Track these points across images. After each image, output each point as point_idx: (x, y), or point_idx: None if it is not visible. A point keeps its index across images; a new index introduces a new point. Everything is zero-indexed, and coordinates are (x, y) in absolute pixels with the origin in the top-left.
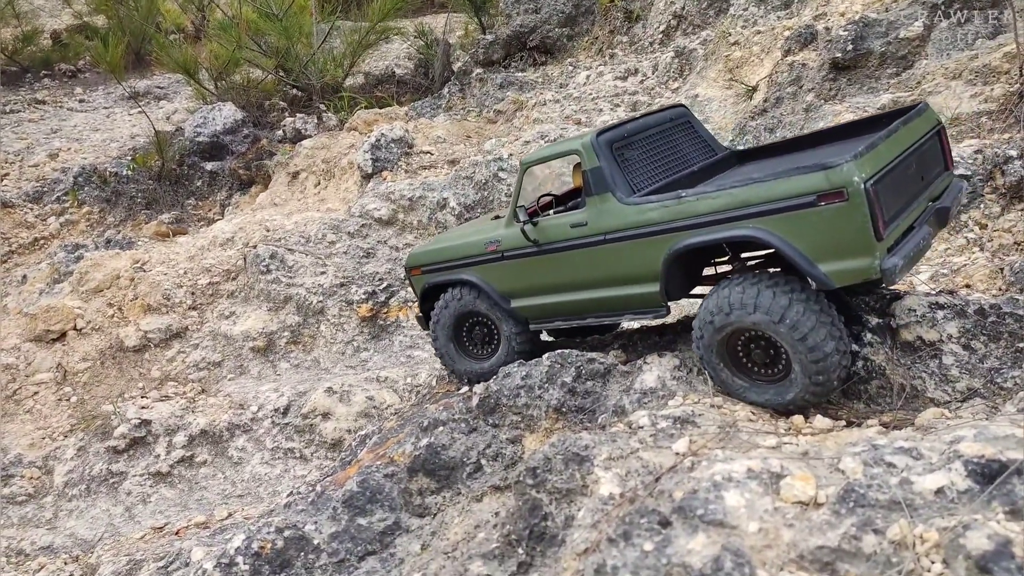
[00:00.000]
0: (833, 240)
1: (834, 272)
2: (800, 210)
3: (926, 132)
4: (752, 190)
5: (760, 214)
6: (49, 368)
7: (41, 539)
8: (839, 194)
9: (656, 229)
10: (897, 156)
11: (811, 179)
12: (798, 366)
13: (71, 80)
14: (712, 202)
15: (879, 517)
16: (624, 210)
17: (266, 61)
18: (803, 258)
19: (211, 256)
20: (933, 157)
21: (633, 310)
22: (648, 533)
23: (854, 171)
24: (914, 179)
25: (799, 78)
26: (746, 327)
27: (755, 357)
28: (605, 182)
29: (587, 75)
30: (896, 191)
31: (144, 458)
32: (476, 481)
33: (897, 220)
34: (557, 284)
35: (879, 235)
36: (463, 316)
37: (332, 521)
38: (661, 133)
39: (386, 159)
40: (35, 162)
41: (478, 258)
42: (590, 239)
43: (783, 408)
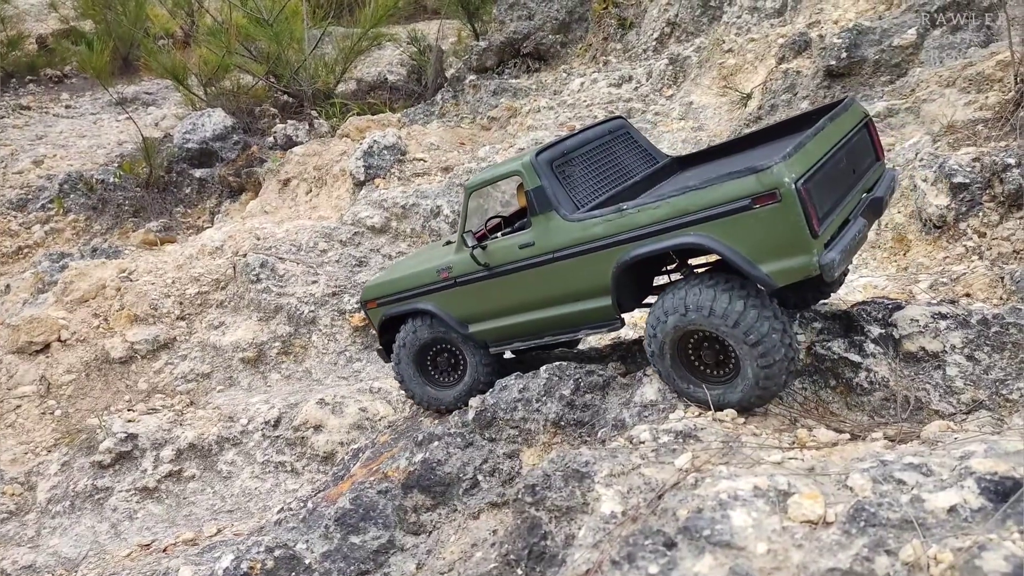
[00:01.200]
0: (771, 241)
1: (775, 272)
2: (737, 214)
3: (854, 126)
4: (689, 198)
5: (700, 221)
6: (32, 381)
7: (23, 558)
8: (772, 195)
9: (602, 243)
10: (826, 152)
11: (744, 183)
12: (748, 368)
13: (57, 86)
14: (653, 212)
15: (891, 537)
16: (569, 227)
17: (256, 67)
18: (744, 261)
19: (200, 265)
20: (863, 150)
21: (588, 324)
22: (653, 555)
23: (784, 172)
24: (845, 173)
25: (793, 85)
26: (700, 328)
27: (705, 358)
28: (548, 201)
29: (581, 82)
30: (828, 187)
31: (130, 473)
32: (473, 498)
33: (832, 215)
34: (511, 305)
35: (814, 232)
36: (427, 344)
37: (324, 539)
38: (601, 147)
39: (379, 166)
40: (19, 169)
41: (432, 286)
42: (539, 258)
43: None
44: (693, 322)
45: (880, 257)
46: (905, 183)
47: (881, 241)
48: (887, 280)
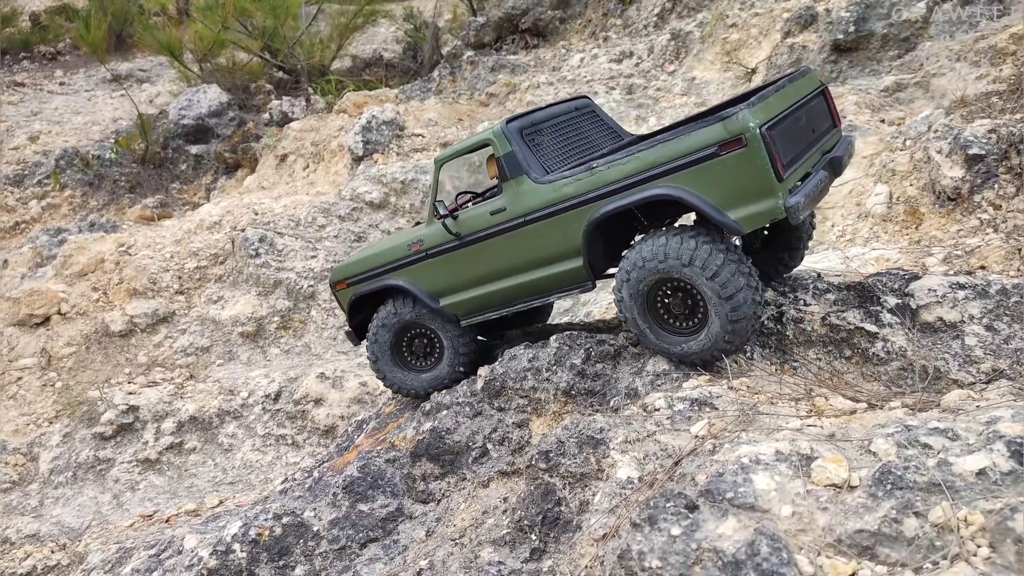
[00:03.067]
0: (738, 186)
1: (743, 218)
2: (705, 162)
3: (812, 91)
4: (659, 150)
5: (668, 172)
6: (33, 353)
7: (27, 527)
8: (738, 141)
9: (573, 203)
10: (787, 108)
11: (711, 131)
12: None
13: (51, 62)
14: (623, 167)
15: (919, 500)
16: (540, 189)
17: (252, 43)
18: (713, 208)
19: (198, 240)
20: (821, 114)
21: (560, 288)
22: (675, 517)
23: (749, 118)
24: (806, 130)
25: (799, 60)
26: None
27: (673, 309)
28: (519, 165)
29: (581, 58)
30: (790, 139)
31: (132, 445)
32: (482, 466)
33: (795, 165)
34: (483, 274)
35: (779, 176)
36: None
37: (332, 507)
38: (568, 121)
39: (377, 141)
40: (15, 145)
41: (403, 260)
42: (511, 223)
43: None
44: (671, 269)
45: (892, 231)
46: (918, 155)
47: (893, 214)
48: (899, 253)
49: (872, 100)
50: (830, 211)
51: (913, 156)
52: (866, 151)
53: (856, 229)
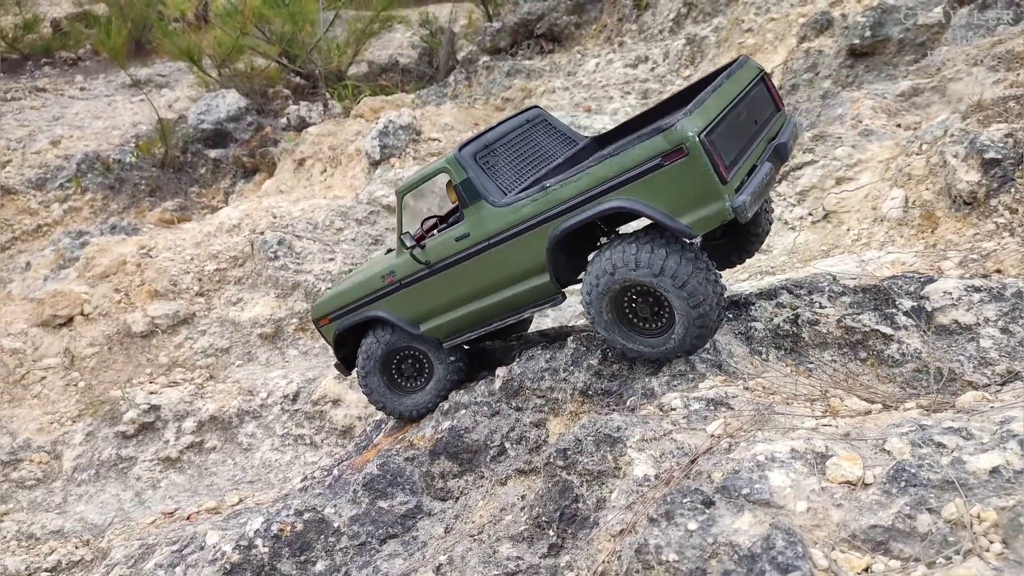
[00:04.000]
0: (685, 193)
1: (694, 222)
2: (651, 173)
3: (750, 81)
4: (606, 166)
5: (619, 185)
6: (56, 353)
7: (51, 523)
8: (679, 151)
9: (533, 222)
10: (726, 106)
11: (653, 143)
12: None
13: (72, 68)
14: (576, 184)
15: (932, 497)
16: (500, 213)
17: (270, 48)
18: (665, 216)
19: (218, 242)
20: (763, 102)
21: (532, 304)
22: (691, 512)
23: (687, 127)
24: (747, 124)
25: (815, 65)
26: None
27: (640, 311)
28: (476, 191)
29: (596, 63)
30: (731, 137)
31: (153, 443)
32: (500, 464)
33: (738, 163)
34: (457, 298)
35: (723, 179)
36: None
37: (352, 504)
38: (521, 136)
39: (394, 146)
40: (37, 149)
41: (379, 292)
42: (476, 247)
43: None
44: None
45: (907, 235)
46: (934, 160)
47: (909, 218)
48: (915, 257)
49: (888, 105)
50: (846, 215)
51: (929, 160)
52: (882, 155)
53: (872, 233)
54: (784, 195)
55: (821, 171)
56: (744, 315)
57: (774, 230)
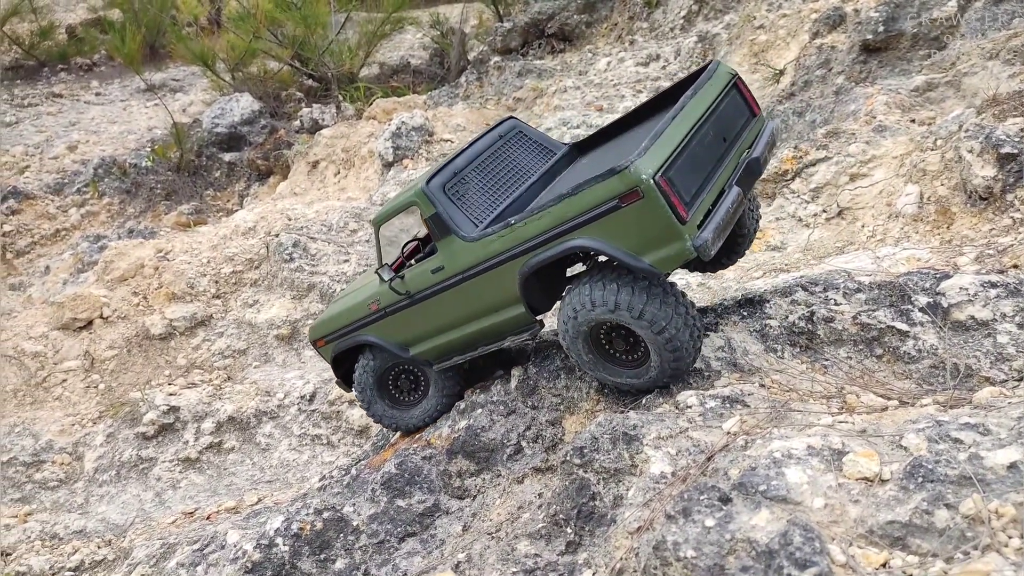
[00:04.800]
0: (645, 234)
1: (657, 261)
2: (610, 214)
3: (721, 92)
4: (565, 206)
5: (580, 225)
6: (77, 356)
7: (74, 523)
8: (635, 193)
9: (502, 258)
10: (689, 132)
11: (608, 186)
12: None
13: (87, 74)
14: (538, 224)
15: (950, 492)
16: (470, 248)
17: (282, 51)
18: (627, 256)
19: (234, 245)
20: (735, 112)
21: (510, 332)
22: (708, 509)
23: (641, 169)
24: (714, 146)
25: (828, 61)
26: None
27: (616, 345)
28: (446, 226)
29: (607, 61)
30: (693, 167)
31: (173, 444)
32: (517, 463)
33: (701, 195)
34: (440, 326)
35: (682, 220)
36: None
37: (370, 503)
38: (493, 154)
39: (406, 147)
40: (55, 154)
41: (367, 318)
42: (451, 280)
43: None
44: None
45: (923, 231)
46: (949, 155)
47: (924, 214)
48: (930, 253)
49: (902, 100)
50: (860, 212)
51: (944, 156)
52: (896, 151)
53: (887, 229)
54: (798, 192)
55: (835, 168)
56: (759, 313)
57: (788, 227)
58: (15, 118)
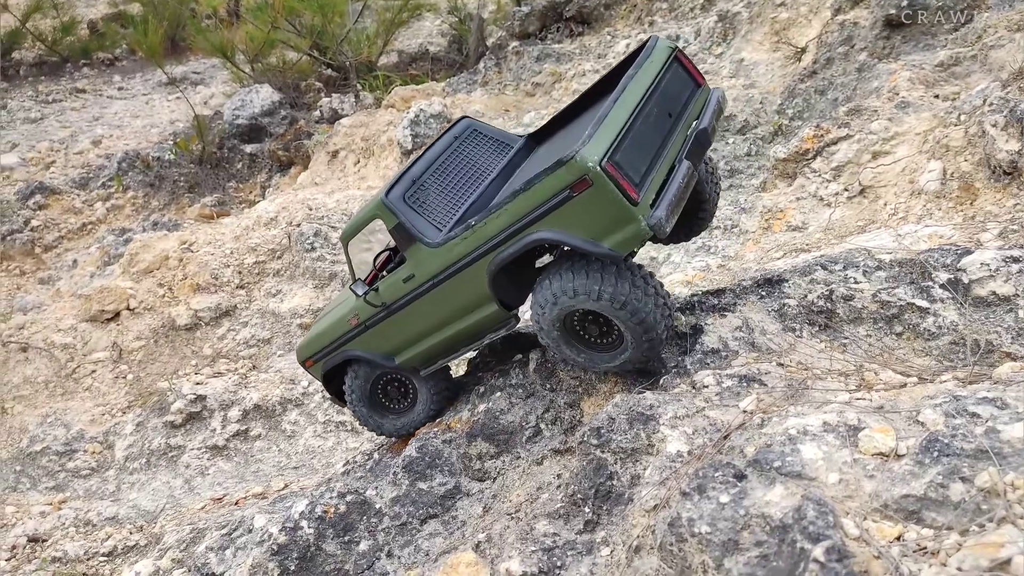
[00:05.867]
0: (600, 219)
1: (615, 244)
2: (564, 204)
3: (662, 67)
4: (520, 202)
5: (537, 218)
6: (105, 347)
7: (106, 510)
8: (584, 182)
9: (468, 260)
10: (631, 114)
11: (558, 176)
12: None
13: (109, 68)
14: (497, 221)
15: (965, 466)
16: (436, 254)
17: (301, 41)
18: (587, 243)
19: (256, 236)
20: (679, 85)
21: (488, 330)
22: (723, 486)
23: (587, 157)
24: (660, 122)
25: (850, 37)
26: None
27: (591, 330)
28: (411, 234)
29: (627, 43)
30: (640, 147)
31: (200, 432)
32: (536, 445)
33: (651, 173)
34: (420, 332)
35: (633, 201)
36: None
37: (393, 486)
38: (451, 157)
39: (426, 134)
40: (79, 149)
41: (350, 333)
42: (423, 287)
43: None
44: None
45: (945, 207)
46: (973, 130)
47: (947, 191)
48: (953, 229)
49: (926, 75)
50: (882, 189)
51: (968, 131)
52: (919, 127)
53: (909, 207)
54: (819, 171)
55: (857, 146)
56: (777, 292)
57: (809, 207)
58: (40, 114)
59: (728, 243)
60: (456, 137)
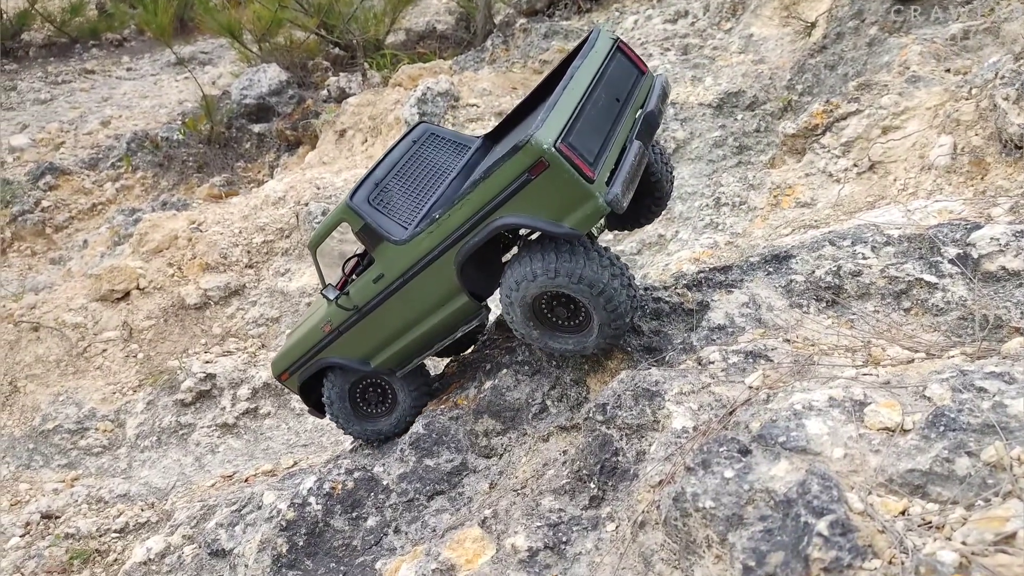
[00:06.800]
0: (559, 199)
1: (576, 223)
2: (524, 188)
3: (605, 57)
4: (481, 190)
5: (499, 204)
6: (115, 326)
7: (118, 487)
8: (541, 164)
9: (435, 253)
10: (581, 98)
11: (516, 161)
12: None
13: (118, 49)
14: (461, 212)
15: (972, 440)
16: (404, 250)
17: (308, 20)
18: (549, 224)
19: (264, 215)
20: (623, 73)
21: (461, 324)
22: (728, 461)
23: (542, 139)
24: (608, 107)
25: (861, 11)
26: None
27: (558, 313)
28: (377, 234)
29: (635, 20)
30: (592, 129)
31: (210, 411)
32: (542, 422)
33: (605, 152)
34: (393, 332)
35: (589, 179)
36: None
37: (400, 463)
38: (411, 159)
39: (432, 113)
40: (89, 130)
41: (323, 341)
42: (393, 285)
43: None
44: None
45: (956, 182)
46: (984, 104)
47: (957, 166)
48: (963, 204)
49: (937, 49)
50: (892, 165)
51: (979, 105)
52: (930, 102)
53: (919, 182)
54: (828, 147)
55: (867, 121)
56: (784, 268)
57: (818, 183)
58: (49, 95)
59: (736, 220)
60: (415, 141)
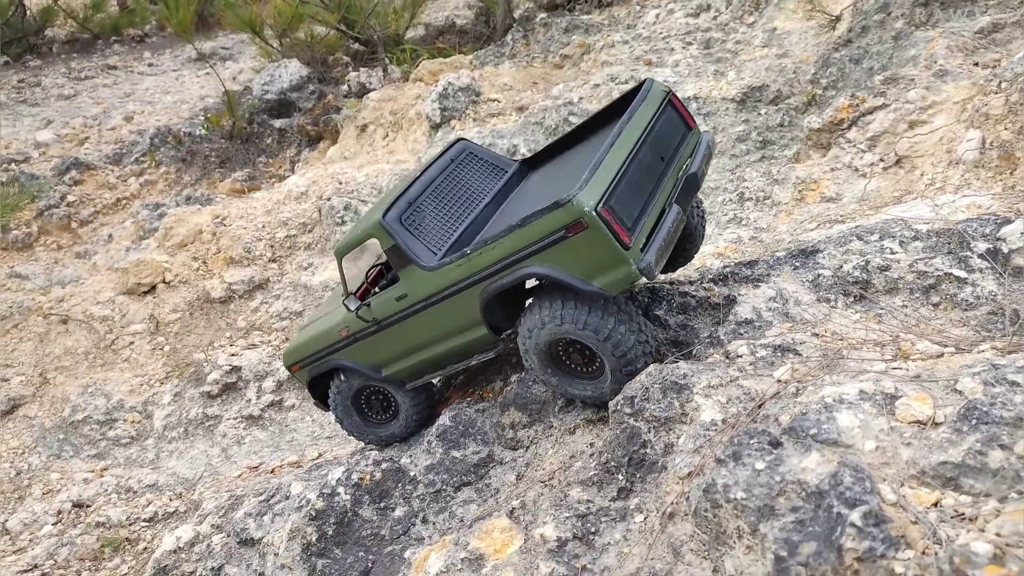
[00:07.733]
0: (592, 260)
1: (606, 284)
2: (559, 243)
3: (656, 111)
4: (515, 237)
5: (532, 253)
6: (142, 319)
7: (146, 478)
8: (579, 224)
9: (461, 286)
10: (627, 157)
11: (554, 217)
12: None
13: (139, 45)
14: (493, 252)
15: (1004, 433)
16: (430, 276)
17: (328, 16)
18: (579, 281)
19: (287, 210)
20: (671, 129)
21: (476, 351)
22: (759, 453)
23: (584, 201)
24: (653, 167)
25: (887, 5)
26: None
27: (573, 358)
28: (406, 256)
29: (656, 14)
30: (633, 192)
31: (236, 403)
32: (568, 415)
33: (643, 217)
34: (408, 348)
35: (625, 246)
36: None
37: (427, 454)
38: (447, 179)
39: (454, 108)
40: (112, 125)
41: (338, 344)
42: (415, 307)
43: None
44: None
45: (984, 177)
46: (1014, 98)
47: (986, 160)
48: (992, 199)
49: (965, 43)
50: (919, 160)
51: (1008, 99)
52: (957, 96)
53: (946, 177)
54: (854, 142)
55: (893, 115)
56: (812, 263)
57: (844, 178)
58: (73, 91)
59: (760, 215)
60: (452, 160)
